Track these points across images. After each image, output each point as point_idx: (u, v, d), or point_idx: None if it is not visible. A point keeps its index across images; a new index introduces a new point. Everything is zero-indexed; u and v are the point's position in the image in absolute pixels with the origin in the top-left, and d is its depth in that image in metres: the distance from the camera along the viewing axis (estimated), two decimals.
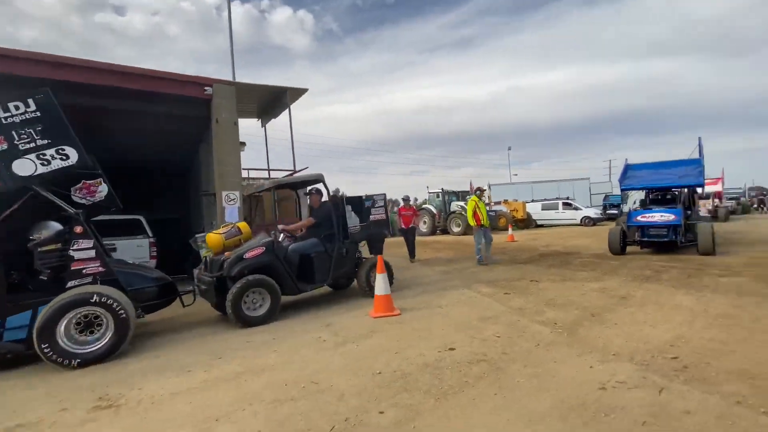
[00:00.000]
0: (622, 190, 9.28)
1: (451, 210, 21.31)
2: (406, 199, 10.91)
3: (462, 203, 21.50)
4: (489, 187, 24.83)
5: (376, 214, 6.48)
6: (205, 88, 7.93)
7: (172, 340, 4.48)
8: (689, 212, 9.21)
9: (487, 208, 22.33)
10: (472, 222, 8.96)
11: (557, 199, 23.88)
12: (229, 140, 8.03)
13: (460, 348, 3.46)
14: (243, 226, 5.71)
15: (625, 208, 14.41)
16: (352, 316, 4.91)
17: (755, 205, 29.35)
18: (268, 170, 10.93)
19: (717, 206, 19.49)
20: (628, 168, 9.61)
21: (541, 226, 22.27)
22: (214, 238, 5.44)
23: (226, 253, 5.15)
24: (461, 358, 3.22)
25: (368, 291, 5.75)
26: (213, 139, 7.96)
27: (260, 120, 11.26)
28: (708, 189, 18.19)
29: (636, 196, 12.97)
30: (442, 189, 22.62)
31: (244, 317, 4.68)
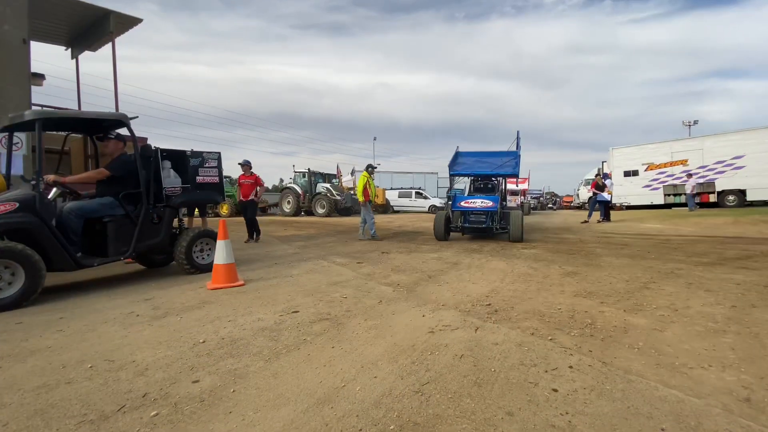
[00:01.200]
0: (450, 175, 9.24)
1: (317, 191, 21.04)
2: (245, 164, 8.65)
3: (328, 185, 21.49)
4: (353, 173, 25.44)
5: (206, 176, 5.18)
6: None
7: None
8: (504, 203, 9.93)
9: (351, 192, 22.95)
10: (361, 198, 8.94)
11: (411, 188, 27.17)
12: (14, 63, 5.89)
13: (304, 310, 3.25)
14: None
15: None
16: (181, 290, 4.17)
17: (549, 204, 38.67)
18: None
19: (522, 202, 22.37)
20: (458, 155, 9.83)
21: (398, 211, 24.47)
22: None
23: None
24: (303, 319, 3.02)
25: (189, 268, 4.81)
26: None
27: (71, 50, 8.67)
28: (517, 187, 21.72)
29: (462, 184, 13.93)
30: (309, 169, 22.14)
31: None
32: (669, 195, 19.69)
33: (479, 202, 8.40)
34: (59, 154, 5.24)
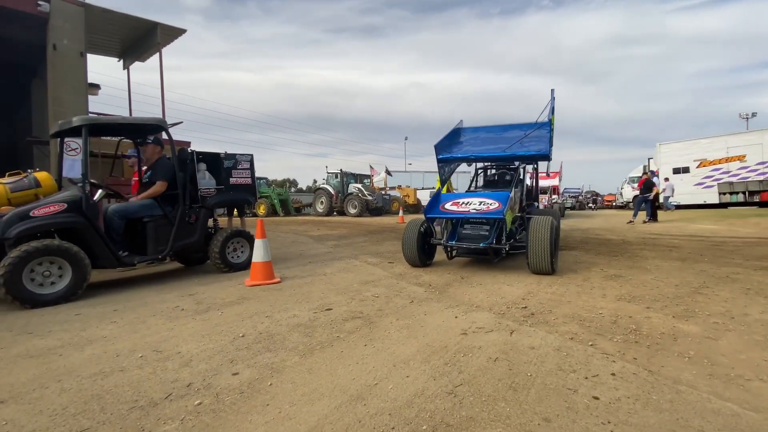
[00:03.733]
0: (439, 161, 5.56)
1: (349, 192, 21.32)
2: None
3: (359, 185, 21.72)
4: (388, 172, 25.51)
5: (239, 177, 5.40)
6: (39, 2, 6.13)
7: None
8: (533, 203, 7.10)
9: (382, 192, 22.99)
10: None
11: None
12: (73, 75, 6.41)
13: (337, 308, 3.31)
14: (44, 176, 4.32)
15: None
16: (222, 286, 4.37)
17: (589, 204, 36.84)
18: None
19: (555, 202, 17.79)
20: (455, 132, 6.33)
21: None
22: None
23: (2, 209, 3.93)
24: (336, 317, 3.07)
25: (223, 267, 4.98)
26: (48, 71, 6.24)
27: (122, 61, 9.31)
28: (545, 183, 16.60)
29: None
30: (341, 170, 22.49)
31: (29, 295, 3.52)
32: (724, 194, 18.24)
33: (475, 203, 4.84)
34: (112, 159, 5.64)
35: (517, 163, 6.18)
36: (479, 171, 6.78)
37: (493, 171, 6.62)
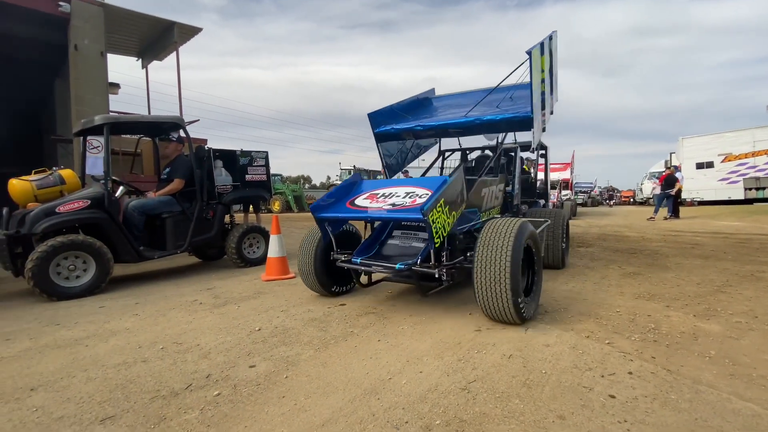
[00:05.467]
0: (377, 137, 4.37)
1: None
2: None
3: None
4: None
5: (254, 174, 5.49)
6: (60, 3, 6.31)
7: None
8: (531, 201, 5.51)
9: None
10: None
11: None
12: (94, 74, 6.59)
13: (350, 303, 3.34)
14: (68, 174, 4.46)
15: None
16: (238, 281, 4.46)
17: (606, 199, 35.88)
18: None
19: (566, 198, 15.28)
20: (417, 103, 4.83)
21: None
22: (18, 185, 4.12)
23: (29, 205, 4.07)
24: (350, 312, 3.10)
25: (239, 261, 5.11)
26: (70, 71, 6.43)
27: (141, 60, 9.52)
28: (554, 176, 15.09)
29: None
30: (354, 166, 22.58)
31: (56, 288, 3.66)
32: (750, 189, 17.59)
33: (399, 195, 2.97)
34: (132, 156, 5.79)
35: (500, 139, 4.36)
36: (446, 154, 5.00)
37: (474, 156, 4.83)
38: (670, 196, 12.37)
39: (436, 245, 2.60)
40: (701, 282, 3.87)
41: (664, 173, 13.69)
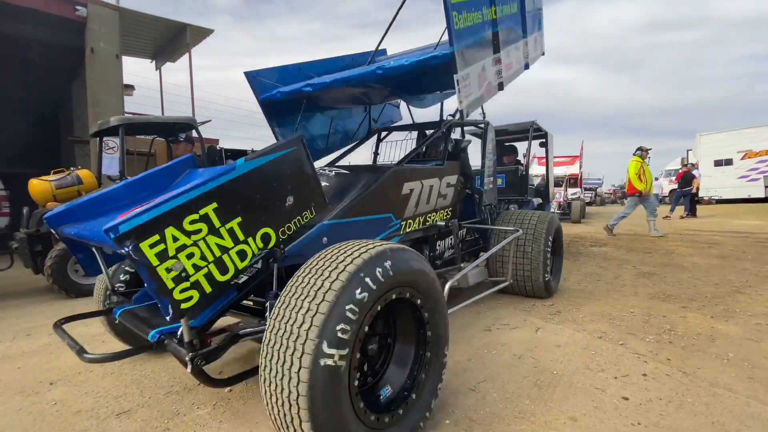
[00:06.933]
0: (262, 105, 3.28)
1: None
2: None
3: None
4: None
5: None
6: (77, 7, 6.46)
7: (12, 306, 3.63)
8: (521, 201, 4.76)
9: None
10: (641, 186, 7.21)
11: None
12: (109, 77, 6.74)
13: None
14: (85, 174, 4.62)
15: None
16: None
17: (620, 198, 34.85)
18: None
19: (575, 197, 12.79)
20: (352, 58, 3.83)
21: None
22: (38, 185, 4.25)
23: (48, 204, 4.18)
24: None
25: None
26: (87, 73, 6.59)
27: (155, 62, 9.70)
28: (560, 171, 13.38)
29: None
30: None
31: (74, 285, 3.73)
32: None
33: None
34: (147, 156, 5.90)
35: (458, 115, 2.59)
36: (382, 135, 3.87)
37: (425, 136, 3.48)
38: (687, 194, 12.08)
39: (183, 305, 1.21)
40: (719, 282, 3.77)
41: (680, 171, 13.37)
